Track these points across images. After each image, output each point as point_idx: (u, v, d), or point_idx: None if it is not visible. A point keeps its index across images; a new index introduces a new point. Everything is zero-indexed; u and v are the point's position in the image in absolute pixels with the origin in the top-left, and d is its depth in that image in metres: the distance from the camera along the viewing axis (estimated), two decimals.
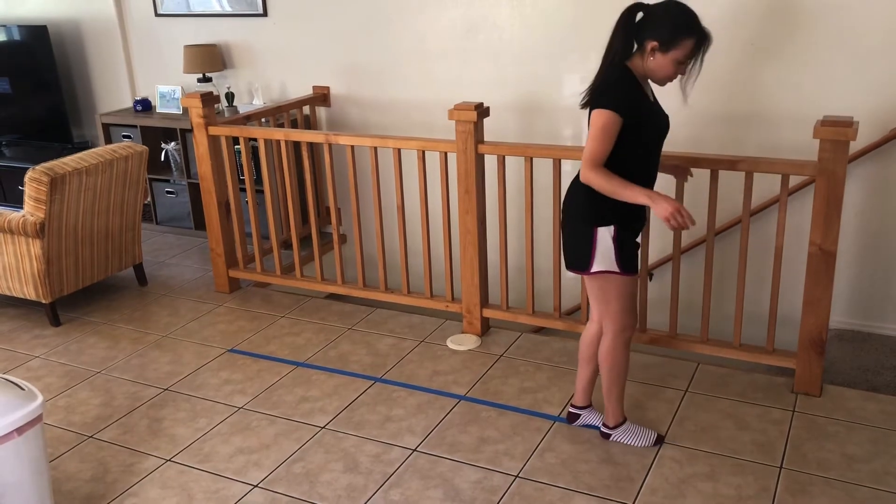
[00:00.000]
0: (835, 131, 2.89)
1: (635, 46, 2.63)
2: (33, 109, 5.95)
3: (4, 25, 5.82)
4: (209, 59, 5.11)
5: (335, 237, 4.24)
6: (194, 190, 5.24)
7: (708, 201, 3.26)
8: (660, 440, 2.98)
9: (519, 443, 3.04)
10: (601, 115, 2.55)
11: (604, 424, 3.01)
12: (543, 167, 3.70)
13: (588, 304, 3.70)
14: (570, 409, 3.12)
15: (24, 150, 6.14)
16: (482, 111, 3.56)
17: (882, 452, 2.89)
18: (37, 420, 2.49)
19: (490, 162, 3.68)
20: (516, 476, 2.85)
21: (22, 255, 4.04)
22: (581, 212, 2.75)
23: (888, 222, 3.77)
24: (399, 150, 3.84)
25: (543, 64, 4.28)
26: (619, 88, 2.59)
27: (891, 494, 2.68)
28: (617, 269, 2.70)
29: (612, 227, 2.67)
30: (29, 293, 4.13)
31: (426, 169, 3.81)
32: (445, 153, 3.73)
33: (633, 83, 2.63)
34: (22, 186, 3.97)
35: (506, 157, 3.64)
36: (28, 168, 3.94)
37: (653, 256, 3.98)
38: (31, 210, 3.93)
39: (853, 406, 3.17)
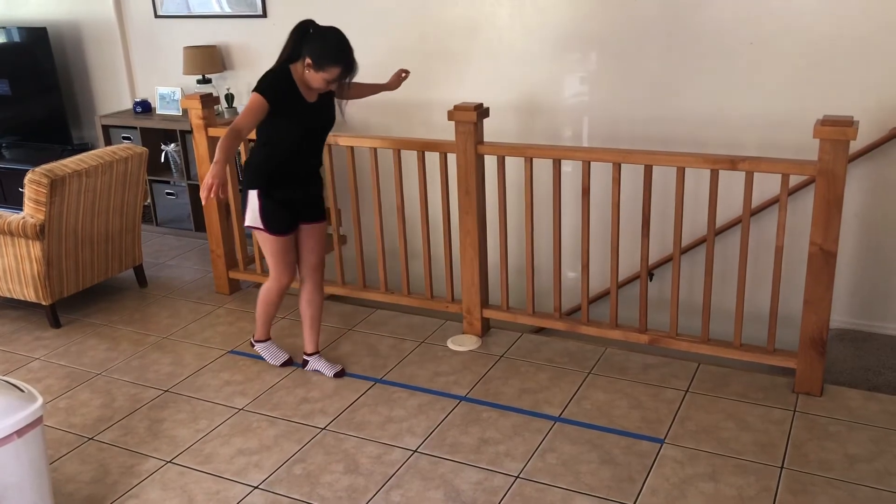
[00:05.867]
0: (835, 131, 2.88)
1: (301, 55, 3.14)
2: (33, 111, 5.95)
3: (4, 27, 5.82)
4: (209, 60, 5.11)
5: (335, 238, 4.24)
6: (194, 191, 5.24)
7: (708, 201, 3.26)
8: (289, 362, 3.67)
9: (520, 443, 3.04)
10: (252, 96, 3.10)
11: (253, 336, 3.73)
12: (543, 167, 3.70)
13: (589, 302, 3.71)
14: (304, 356, 3.66)
15: (24, 152, 6.14)
16: (482, 112, 3.56)
17: (883, 452, 2.89)
18: (37, 422, 2.49)
19: (490, 162, 3.68)
20: (517, 477, 2.85)
21: (22, 256, 4.04)
22: (245, 177, 3.35)
23: (888, 221, 3.77)
24: (399, 150, 3.85)
25: (543, 64, 4.28)
26: (272, 81, 3.15)
27: (892, 494, 2.67)
28: (262, 227, 3.29)
29: (257, 191, 3.26)
30: (29, 295, 4.13)
31: (426, 170, 3.81)
32: (445, 154, 3.73)
33: (288, 81, 3.16)
34: (22, 188, 3.97)
35: (506, 157, 3.64)
36: (28, 170, 3.94)
37: (653, 256, 3.98)
38: (30, 212, 3.93)
39: (854, 406, 3.17)
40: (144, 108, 5.48)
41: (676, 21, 3.92)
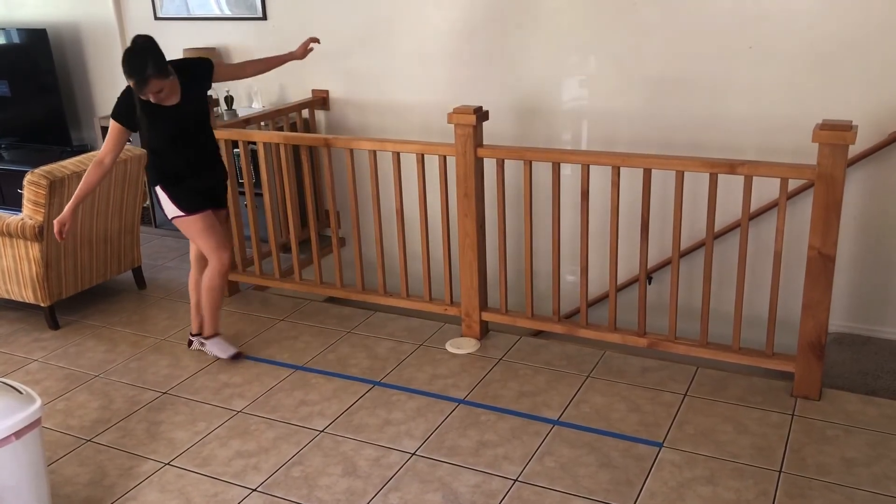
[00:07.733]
0: (834, 135, 2.89)
1: None
2: (32, 112, 5.95)
3: (4, 29, 5.82)
4: None
5: (334, 240, 4.24)
6: None
7: (707, 205, 3.26)
8: (238, 356, 3.70)
9: (518, 446, 3.04)
10: (110, 123, 3.32)
11: (201, 333, 3.76)
12: (543, 171, 3.70)
13: (588, 305, 3.71)
14: (189, 337, 3.84)
15: (23, 153, 6.14)
16: (481, 115, 3.56)
17: (881, 456, 2.89)
18: (35, 424, 2.49)
19: (489, 165, 3.68)
20: (515, 480, 2.85)
21: (21, 258, 4.04)
22: (147, 178, 3.55)
23: (887, 226, 3.77)
24: (398, 153, 3.85)
25: (542, 67, 4.29)
26: (121, 102, 3.31)
27: (890, 498, 2.67)
28: (181, 213, 3.43)
29: (159, 186, 3.44)
30: (28, 296, 4.13)
31: (425, 172, 3.81)
32: (444, 157, 3.72)
33: (137, 97, 3.22)
34: (21, 189, 3.97)
35: (505, 160, 3.64)
36: (27, 171, 3.94)
37: (652, 260, 3.98)
38: (29, 213, 3.93)
39: (852, 410, 3.17)
40: None
41: (675, 25, 3.92)
